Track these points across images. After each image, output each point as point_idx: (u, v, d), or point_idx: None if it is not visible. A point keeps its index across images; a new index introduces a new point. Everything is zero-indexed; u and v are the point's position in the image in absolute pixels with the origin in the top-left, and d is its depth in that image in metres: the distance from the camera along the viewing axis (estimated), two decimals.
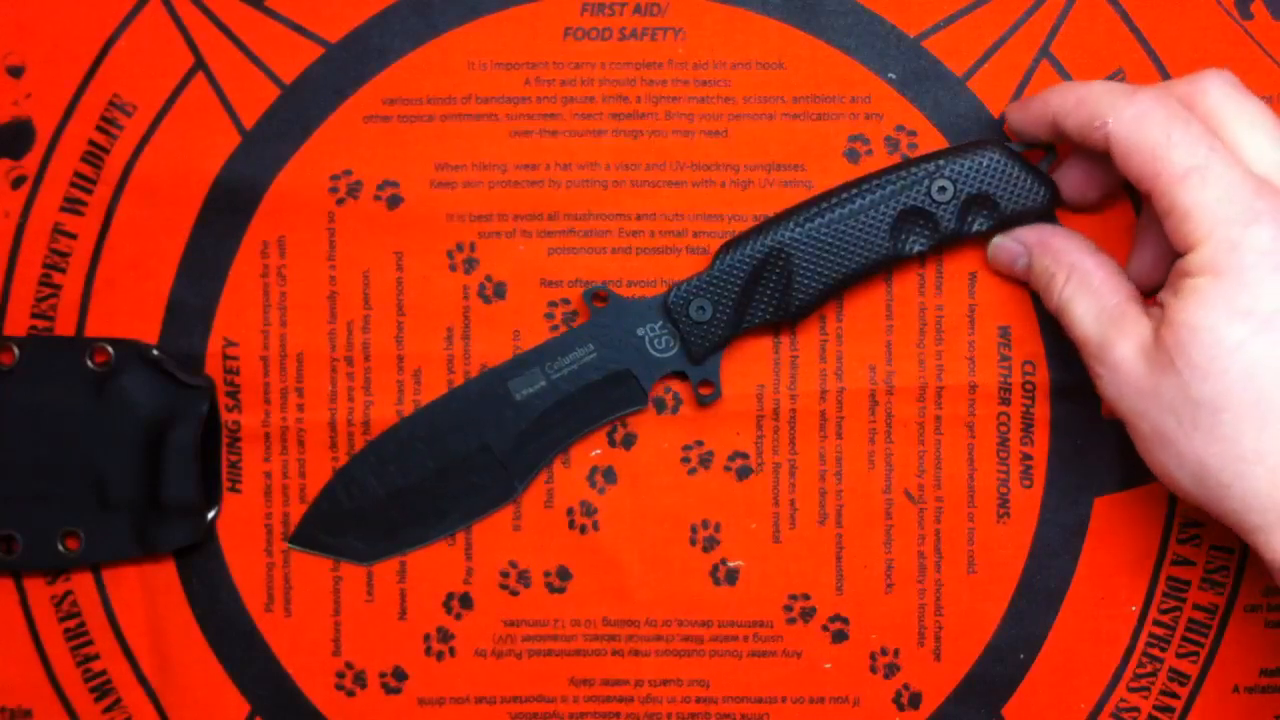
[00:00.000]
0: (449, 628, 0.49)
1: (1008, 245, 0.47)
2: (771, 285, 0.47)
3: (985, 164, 0.46)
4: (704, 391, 0.48)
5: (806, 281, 0.47)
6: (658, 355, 0.48)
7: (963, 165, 0.46)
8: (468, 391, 0.49)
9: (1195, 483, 0.41)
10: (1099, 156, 0.45)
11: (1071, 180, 0.47)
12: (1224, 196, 0.40)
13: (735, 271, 0.47)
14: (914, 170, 0.47)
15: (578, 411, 0.48)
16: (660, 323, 0.48)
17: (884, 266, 0.47)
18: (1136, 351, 0.42)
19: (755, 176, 0.49)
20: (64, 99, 0.49)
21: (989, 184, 0.46)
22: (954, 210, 0.47)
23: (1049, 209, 0.47)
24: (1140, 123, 0.42)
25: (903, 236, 0.47)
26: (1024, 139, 0.47)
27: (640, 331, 0.48)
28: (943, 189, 0.46)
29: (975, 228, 0.47)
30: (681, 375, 0.49)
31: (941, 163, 0.46)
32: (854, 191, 0.47)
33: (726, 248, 0.47)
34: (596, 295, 0.48)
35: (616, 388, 0.48)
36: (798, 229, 0.47)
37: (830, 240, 0.47)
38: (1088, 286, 0.44)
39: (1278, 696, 0.49)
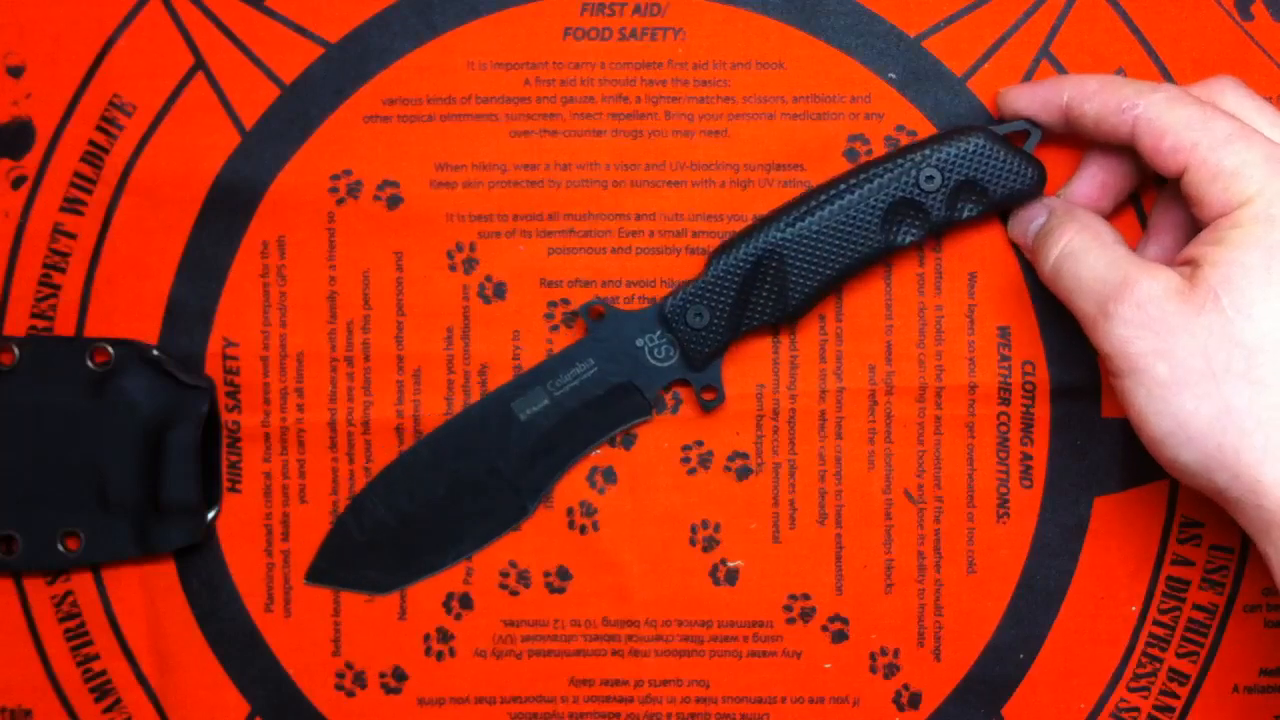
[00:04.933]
0: (449, 628, 0.49)
1: (1034, 205, 0.47)
2: (767, 287, 0.47)
3: (971, 150, 0.46)
4: (707, 397, 0.48)
5: (801, 280, 0.47)
6: (658, 365, 0.48)
7: (949, 153, 0.46)
8: (471, 415, 0.49)
9: (1211, 430, 0.40)
10: (1111, 167, 0.47)
11: (1085, 193, 0.47)
12: (1271, 154, 0.41)
13: (730, 276, 0.47)
14: (900, 161, 0.47)
15: (583, 427, 0.48)
16: (658, 332, 0.48)
17: (878, 259, 0.47)
18: (1167, 290, 0.41)
19: (755, 176, 0.49)
20: (64, 99, 0.49)
21: (976, 170, 0.46)
22: (943, 198, 0.47)
23: (1037, 190, 0.47)
24: (1173, 102, 0.43)
25: (894, 228, 0.47)
26: (1016, 118, 0.47)
27: (639, 342, 0.48)
28: (930, 178, 0.46)
29: (966, 214, 0.47)
30: (684, 383, 0.49)
31: (927, 152, 0.46)
32: (842, 187, 0.47)
33: (719, 252, 0.47)
34: (593, 310, 0.48)
35: (620, 400, 0.48)
36: (789, 229, 0.47)
37: (822, 237, 0.47)
38: (1097, 242, 0.44)
39: (1278, 696, 0.49)
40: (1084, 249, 0.44)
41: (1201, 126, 0.42)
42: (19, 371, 0.48)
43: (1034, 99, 0.46)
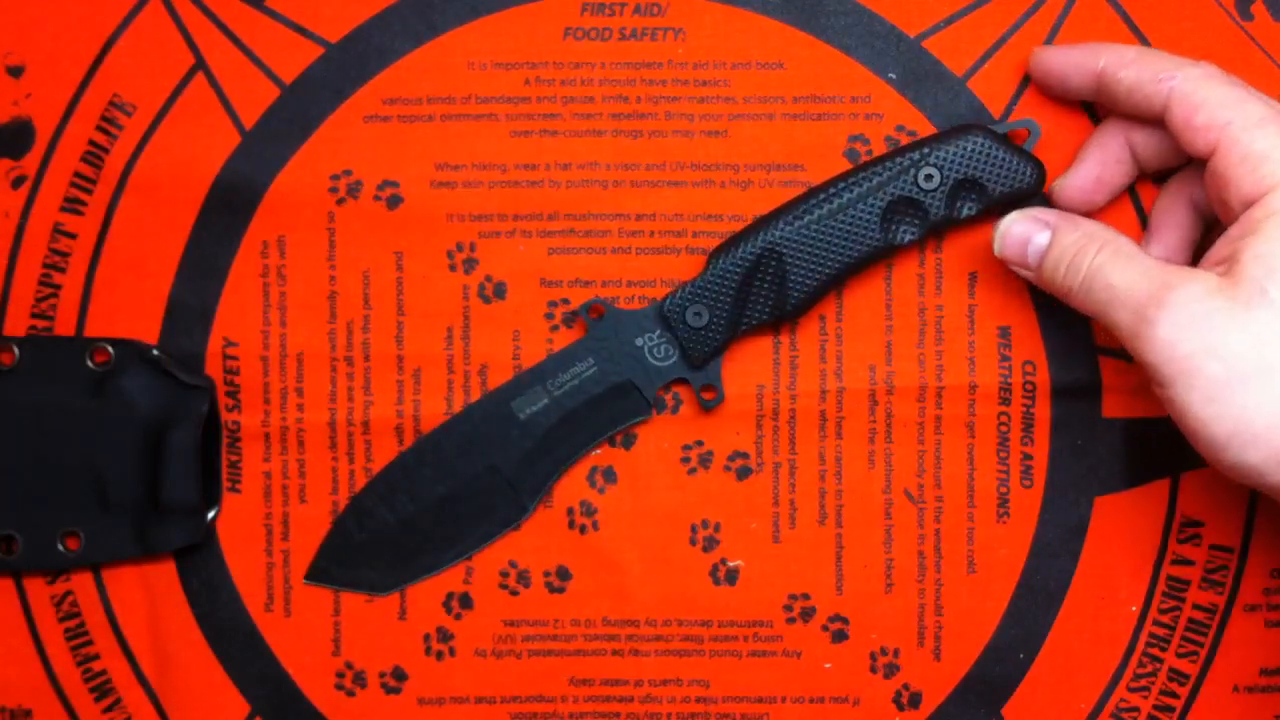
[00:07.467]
0: (449, 628, 0.49)
1: (1025, 224, 0.46)
2: (766, 285, 0.47)
3: (970, 148, 0.46)
4: (707, 397, 0.48)
5: (801, 279, 0.47)
6: (657, 364, 0.48)
7: (948, 151, 0.46)
8: (471, 414, 0.49)
9: (1275, 426, 0.39)
10: (1108, 161, 0.46)
11: (1079, 188, 0.47)
12: None
13: (729, 274, 0.47)
14: (900, 160, 0.47)
15: (582, 426, 0.48)
16: (658, 331, 0.48)
17: (877, 258, 0.47)
18: (1209, 290, 0.40)
19: (755, 177, 0.49)
20: (64, 99, 0.49)
21: (975, 168, 0.46)
22: (942, 197, 0.47)
23: (1037, 188, 0.47)
24: (1210, 79, 0.43)
25: (893, 227, 0.47)
26: (1046, 83, 0.47)
27: (639, 342, 0.48)
28: (929, 176, 0.46)
29: (965, 212, 0.47)
30: (683, 382, 0.49)
31: (926, 150, 0.47)
32: (841, 186, 0.47)
33: (719, 251, 0.47)
34: (592, 309, 0.48)
35: (619, 400, 0.48)
36: (788, 228, 0.47)
37: (821, 236, 0.47)
38: (1123, 253, 0.43)
39: (1278, 696, 0.49)
40: (1109, 262, 0.43)
41: (1236, 106, 0.42)
42: (19, 371, 0.48)
43: (1067, 61, 0.46)
